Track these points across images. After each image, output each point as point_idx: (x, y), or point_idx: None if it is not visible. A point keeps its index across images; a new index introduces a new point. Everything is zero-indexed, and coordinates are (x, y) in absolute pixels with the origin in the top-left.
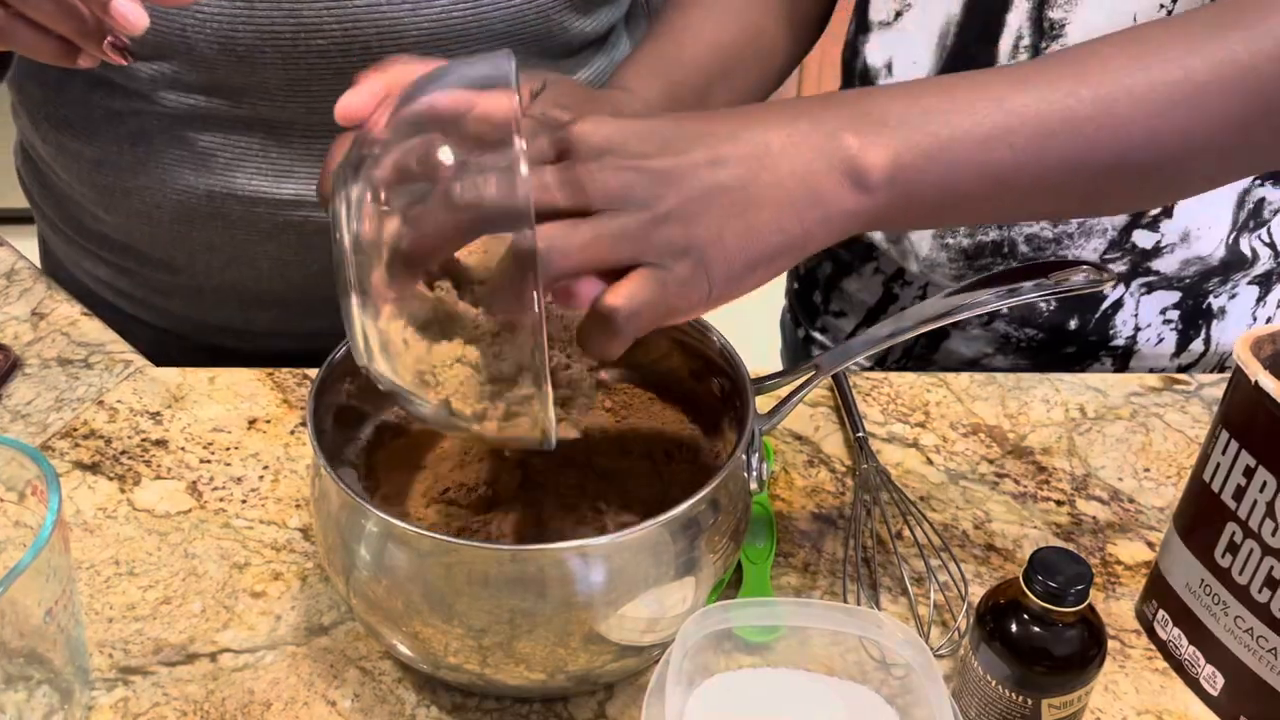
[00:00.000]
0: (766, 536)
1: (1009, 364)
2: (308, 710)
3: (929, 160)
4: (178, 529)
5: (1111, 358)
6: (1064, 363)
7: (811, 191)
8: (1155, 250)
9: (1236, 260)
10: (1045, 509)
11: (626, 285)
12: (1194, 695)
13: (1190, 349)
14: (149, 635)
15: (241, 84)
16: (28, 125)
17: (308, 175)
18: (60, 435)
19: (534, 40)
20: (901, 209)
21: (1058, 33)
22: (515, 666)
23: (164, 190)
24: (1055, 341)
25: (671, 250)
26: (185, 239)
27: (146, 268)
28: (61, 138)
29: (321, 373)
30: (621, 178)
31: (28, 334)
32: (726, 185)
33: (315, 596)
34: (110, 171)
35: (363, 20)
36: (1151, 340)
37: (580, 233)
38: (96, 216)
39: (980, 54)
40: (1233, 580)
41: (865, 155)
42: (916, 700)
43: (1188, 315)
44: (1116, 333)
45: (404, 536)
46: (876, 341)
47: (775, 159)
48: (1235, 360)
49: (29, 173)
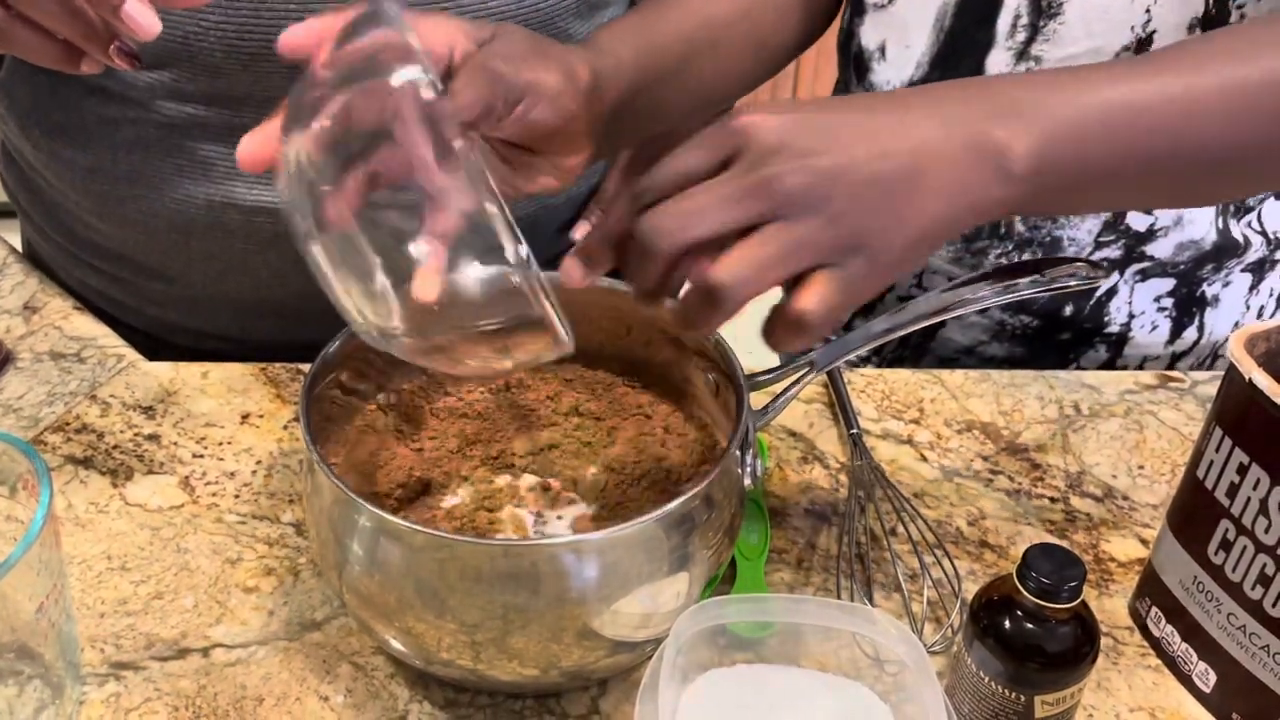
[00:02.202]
0: (760, 533)
1: (1004, 351)
2: (300, 706)
3: (1064, 147)
4: (170, 524)
5: (1106, 344)
6: (1059, 350)
7: (965, 183)
8: (1150, 233)
9: (1229, 246)
10: (1039, 506)
11: (814, 290)
12: (1187, 692)
13: (1184, 336)
14: (141, 630)
15: (243, 93)
16: (15, 131)
17: None
18: (52, 429)
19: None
20: (1039, 195)
21: (1055, 11)
22: (508, 662)
23: (161, 200)
24: (1050, 329)
25: (847, 249)
26: (182, 248)
27: (141, 277)
28: (54, 145)
29: (314, 367)
30: (796, 180)
31: (20, 328)
32: (890, 178)
33: (308, 592)
34: (105, 180)
35: None
36: (1146, 327)
37: (765, 252)
38: (89, 225)
39: (979, 34)
40: (1226, 577)
41: (1012, 147)
42: (910, 697)
43: (1182, 303)
44: (1111, 320)
45: (396, 532)
46: (872, 337)
47: (933, 152)
48: (1229, 357)
49: (14, 178)
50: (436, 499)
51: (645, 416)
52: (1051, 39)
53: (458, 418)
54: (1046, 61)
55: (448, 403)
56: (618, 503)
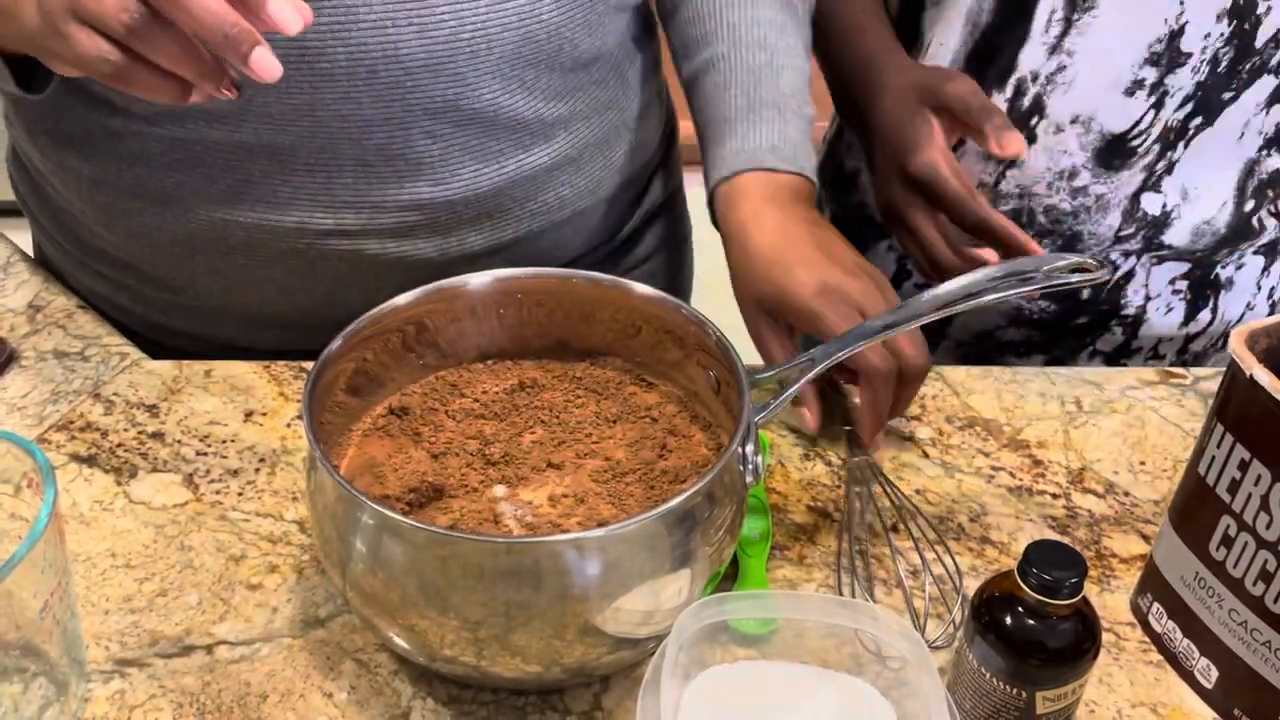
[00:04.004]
0: (762, 529)
1: (1021, 335)
2: (304, 702)
3: None
4: (174, 521)
5: (1122, 327)
6: (1075, 334)
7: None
8: (1165, 218)
9: (1246, 231)
10: (1041, 502)
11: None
12: (1188, 688)
13: (1198, 319)
14: (145, 628)
15: (243, 108)
16: (24, 137)
17: (310, 203)
18: (56, 428)
19: (544, 59)
20: None
21: (1090, 4)
22: (511, 659)
23: (164, 213)
24: (1067, 313)
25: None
26: (186, 261)
27: (148, 286)
28: (60, 153)
29: (317, 365)
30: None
31: (24, 326)
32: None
33: (311, 589)
34: (109, 191)
35: (369, 44)
36: (1161, 310)
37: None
38: (95, 233)
39: (1016, 29)
40: (1227, 573)
41: None
42: (911, 693)
43: (1196, 285)
44: (1128, 302)
45: (399, 529)
46: (873, 333)
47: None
48: (1231, 354)
49: (24, 183)
50: (447, 503)
51: (652, 419)
52: (1086, 32)
53: (474, 419)
54: (1079, 54)
55: (462, 404)
56: (621, 501)
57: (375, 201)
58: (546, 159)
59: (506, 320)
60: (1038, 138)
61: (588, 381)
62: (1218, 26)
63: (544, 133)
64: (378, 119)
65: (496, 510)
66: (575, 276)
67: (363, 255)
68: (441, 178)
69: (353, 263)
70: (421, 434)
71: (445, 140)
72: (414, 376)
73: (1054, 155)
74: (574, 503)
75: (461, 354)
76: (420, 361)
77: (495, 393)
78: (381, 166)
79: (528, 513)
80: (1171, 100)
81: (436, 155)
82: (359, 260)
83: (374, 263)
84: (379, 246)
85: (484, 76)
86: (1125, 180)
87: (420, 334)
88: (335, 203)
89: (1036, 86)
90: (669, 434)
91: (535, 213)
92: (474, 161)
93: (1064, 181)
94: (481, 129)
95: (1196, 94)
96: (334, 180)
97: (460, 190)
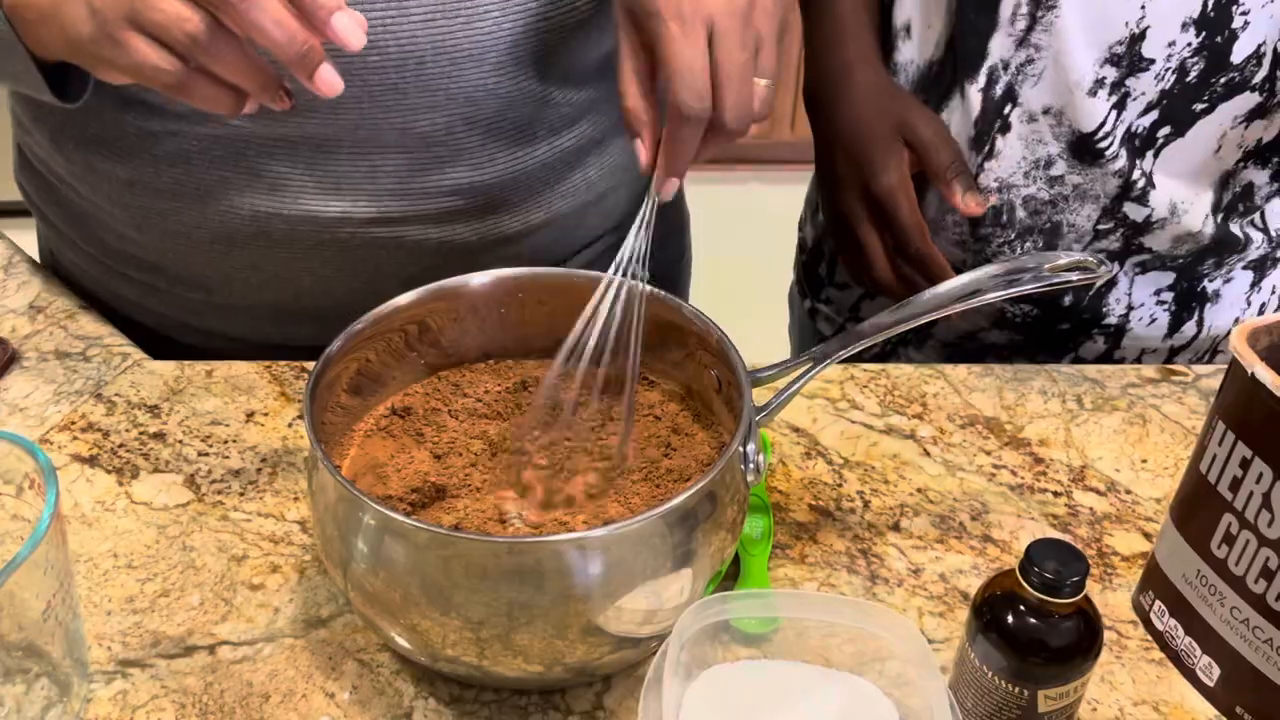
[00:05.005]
0: (764, 528)
1: (1004, 338)
2: (306, 702)
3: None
4: (176, 522)
5: (1104, 336)
6: (1058, 340)
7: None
8: (1147, 225)
9: (1228, 241)
10: (1042, 500)
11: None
12: (1190, 686)
13: (1182, 330)
14: (147, 628)
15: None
16: (45, 144)
17: (354, 192)
18: (58, 428)
19: (579, 46)
20: None
21: (1052, 3)
22: (513, 658)
23: (204, 212)
24: (1050, 318)
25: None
26: (224, 259)
27: (179, 287)
28: (90, 158)
29: (318, 365)
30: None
31: (25, 327)
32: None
33: (313, 589)
34: (145, 193)
35: (419, 36)
36: (1144, 320)
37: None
38: (124, 236)
39: (981, 19)
40: (1229, 571)
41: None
42: (913, 692)
43: (1181, 297)
44: (1110, 310)
45: (401, 529)
46: (878, 328)
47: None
48: (1231, 352)
49: (39, 189)
50: (451, 503)
51: (655, 418)
52: (1050, 30)
53: (477, 418)
54: (1046, 50)
55: (464, 403)
56: (627, 499)
57: (417, 188)
58: (574, 142)
59: (508, 319)
60: (1012, 126)
61: (592, 381)
62: (1184, 36)
63: (573, 116)
64: (422, 107)
65: (502, 510)
66: (577, 275)
67: (403, 242)
68: (479, 162)
69: (392, 250)
70: (424, 434)
71: (485, 126)
72: (416, 376)
73: (1030, 144)
74: (583, 500)
75: (463, 353)
76: (422, 361)
77: (498, 392)
78: (423, 153)
79: (533, 513)
80: (1134, 103)
81: (476, 141)
82: (399, 247)
83: (415, 249)
84: (420, 232)
85: (524, 64)
86: (1100, 178)
87: (422, 333)
88: (379, 190)
89: (1008, 75)
90: (673, 432)
91: (565, 194)
92: (511, 145)
93: (1041, 170)
94: (519, 114)
95: (1162, 102)
96: (377, 169)
97: (498, 174)
